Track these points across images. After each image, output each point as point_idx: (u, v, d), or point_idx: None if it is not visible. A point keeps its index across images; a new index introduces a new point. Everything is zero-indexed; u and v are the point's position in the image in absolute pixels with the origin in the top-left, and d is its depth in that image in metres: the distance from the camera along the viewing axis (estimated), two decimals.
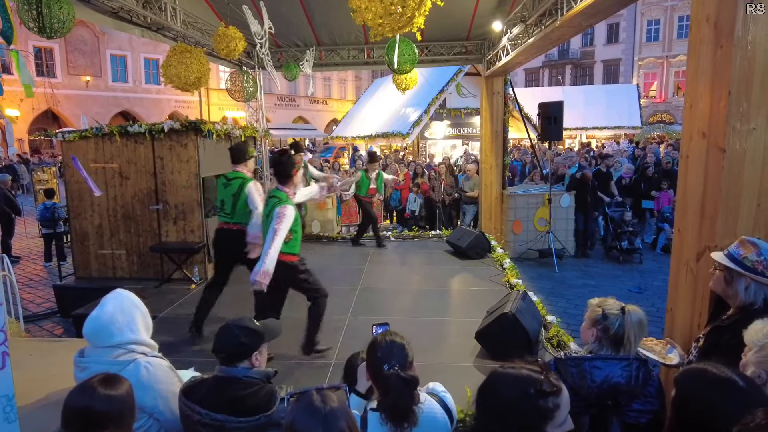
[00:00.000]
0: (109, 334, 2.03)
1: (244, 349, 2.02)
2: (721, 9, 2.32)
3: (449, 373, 3.64)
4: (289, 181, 3.91)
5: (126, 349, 2.05)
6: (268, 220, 3.76)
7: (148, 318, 2.18)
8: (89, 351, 2.07)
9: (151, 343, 2.15)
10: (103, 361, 1.99)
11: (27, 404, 2.52)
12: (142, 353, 2.08)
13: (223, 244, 4.70)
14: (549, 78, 37.28)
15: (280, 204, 3.69)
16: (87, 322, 2.05)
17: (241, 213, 4.55)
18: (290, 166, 3.92)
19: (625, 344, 1.88)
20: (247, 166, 4.77)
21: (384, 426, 1.72)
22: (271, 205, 3.77)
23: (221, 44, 5.85)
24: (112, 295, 2.12)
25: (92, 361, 2.01)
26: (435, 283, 6.15)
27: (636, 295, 6.75)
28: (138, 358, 2.04)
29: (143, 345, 2.10)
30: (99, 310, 2.06)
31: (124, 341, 2.04)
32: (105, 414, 1.56)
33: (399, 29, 3.62)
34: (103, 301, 2.09)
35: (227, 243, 4.65)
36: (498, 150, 8.78)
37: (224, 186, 4.69)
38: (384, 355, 1.79)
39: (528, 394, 1.36)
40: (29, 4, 3.73)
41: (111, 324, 2.03)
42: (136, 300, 2.15)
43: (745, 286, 2.03)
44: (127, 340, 2.04)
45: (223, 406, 1.89)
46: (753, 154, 2.28)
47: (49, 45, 24.75)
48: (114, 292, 2.14)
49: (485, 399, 1.45)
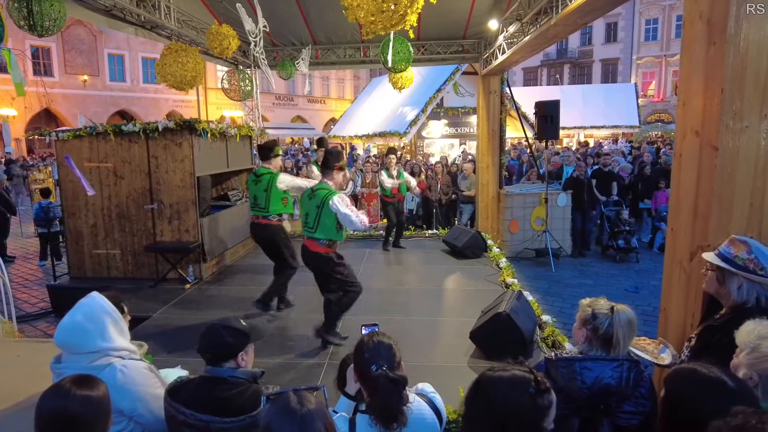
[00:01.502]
0: (79, 343, 2.01)
1: (230, 350, 2.00)
2: (714, 6, 2.30)
3: (443, 372, 3.63)
4: (330, 174, 4.12)
5: (102, 353, 2.02)
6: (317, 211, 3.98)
7: (121, 322, 2.13)
8: (65, 357, 2.05)
9: (128, 347, 2.12)
10: (79, 367, 1.96)
11: (11, 405, 2.49)
12: (119, 357, 2.04)
13: (259, 236, 5.05)
14: (547, 77, 37.26)
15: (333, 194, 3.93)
16: (57, 331, 2.02)
17: (275, 206, 4.87)
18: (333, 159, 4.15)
19: (614, 344, 1.86)
20: (272, 163, 5.01)
21: (373, 428, 1.70)
22: (321, 196, 3.95)
23: (214, 42, 5.83)
24: (83, 301, 2.08)
25: (68, 367, 1.98)
26: (431, 282, 6.13)
27: (632, 295, 6.74)
28: (114, 362, 2.01)
29: (118, 349, 2.07)
30: (68, 318, 2.03)
31: (96, 349, 2.01)
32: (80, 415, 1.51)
33: (392, 27, 3.61)
34: (73, 308, 2.06)
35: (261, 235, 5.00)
36: (495, 149, 8.77)
37: (254, 183, 4.95)
38: (371, 356, 1.77)
39: (529, 394, 1.33)
40: (19, 2, 3.70)
41: (81, 333, 2.01)
42: (108, 305, 2.09)
43: (737, 285, 2.02)
44: (98, 348, 2.01)
45: (209, 407, 1.87)
46: (746, 153, 2.26)
47: (46, 44, 24.66)
48: (86, 297, 2.09)
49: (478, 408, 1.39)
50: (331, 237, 4.05)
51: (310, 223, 4.07)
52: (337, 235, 4.07)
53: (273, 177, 4.84)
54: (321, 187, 4.08)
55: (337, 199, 3.91)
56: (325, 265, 4.09)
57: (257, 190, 4.90)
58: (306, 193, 4.19)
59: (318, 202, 3.98)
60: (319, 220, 3.99)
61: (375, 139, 16.81)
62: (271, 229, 4.91)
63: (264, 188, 4.85)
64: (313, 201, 4.05)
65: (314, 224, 4.03)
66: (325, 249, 4.07)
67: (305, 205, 4.14)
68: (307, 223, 4.10)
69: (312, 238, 4.07)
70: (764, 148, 2.25)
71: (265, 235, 4.95)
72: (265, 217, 4.90)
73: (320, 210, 3.97)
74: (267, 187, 4.83)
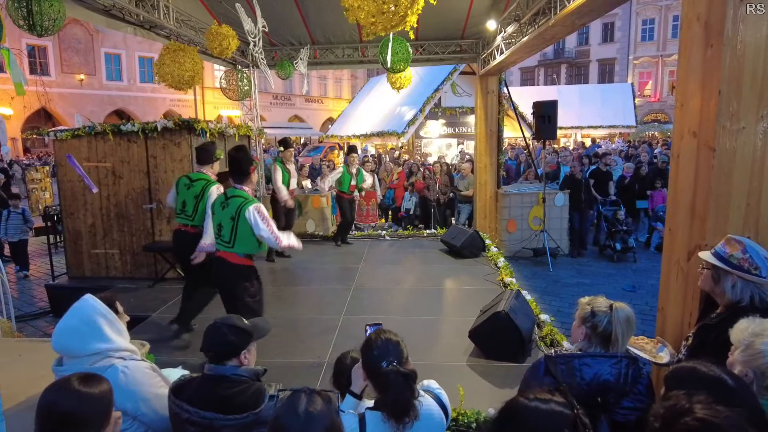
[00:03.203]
0: (76, 346, 2.01)
1: (233, 348, 2.01)
2: (711, 8, 2.33)
3: (442, 371, 3.63)
4: (246, 179, 3.67)
5: (102, 355, 2.02)
6: (231, 222, 3.53)
7: (117, 323, 2.12)
8: (67, 359, 2.05)
9: (128, 347, 2.12)
10: (81, 369, 1.94)
11: (14, 405, 2.50)
12: (120, 358, 2.05)
13: (180, 246, 4.54)
14: (544, 77, 37.36)
15: (250, 203, 3.48)
16: (54, 336, 2.03)
17: (202, 216, 4.33)
18: (247, 163, 3.70)
19: (613, 342, 1.89)
20: (213, 168, 4.61)
21: (385, 423, 1.71)
22: (236, 204, 3.52)
23: (214, 43, 5.83)
24: (76, 305, 2.07)
25: (69, 369, 1.97)
26: (429, 282, 6.15)
27: (630, 294, 6.78)
28: (115, 363, 2.02)
29: (119, 350, 2.07)
30: (63, 323, 2.03)
31: (95, 351, 2.01)
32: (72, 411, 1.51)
33: (392, 28, 3.62)
34: (67, 312, 2.05)
35: (183, 246, 4.44)
36: (492, 149, 8.80)
37: (186, 187, 4.49)
38: (381, 353, 1.79)
39: None
40: (19, 2, 3.70)
41: (76, 336, 2.01)
42: (100, 307, 2.07)
43: (731, 284, 2.05)
44: (96, 350, 2.01)
45: (212, 404, 1.89)
46: (742, 154, 2.28)
47: (42, 43, 24.59)
48: (79, 300, 2.08)
49: None
50: (250, 251, 3.65)
51: (225, 237, 3.59)
52: (258, 248, 3.68)
53: (208, 185, 4.37)
54: (236, 194, 3.58)
55: (253, 210, 3.46)
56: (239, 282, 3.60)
57: (188, 195, 4.44)
58: (218, 200, 3.70)
59: (233, 212, 3.52)
60: (235, 233, 3.53)
61: (373, 138, 16.83)
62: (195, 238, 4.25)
63: (195, 194, 4.40)
64: (226, 211, 3.56)
65: (230, 238, 3.56)
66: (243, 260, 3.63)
67: (218, 216, 3.65)
68: (221, 237, 3.62)
69: (229, 251, 3.61)
70: (761, 149, 2.28)
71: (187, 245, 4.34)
72: (191, 225, 4.47)
73: (236, 221, 3.51)
74: (199, 194, 4.38)
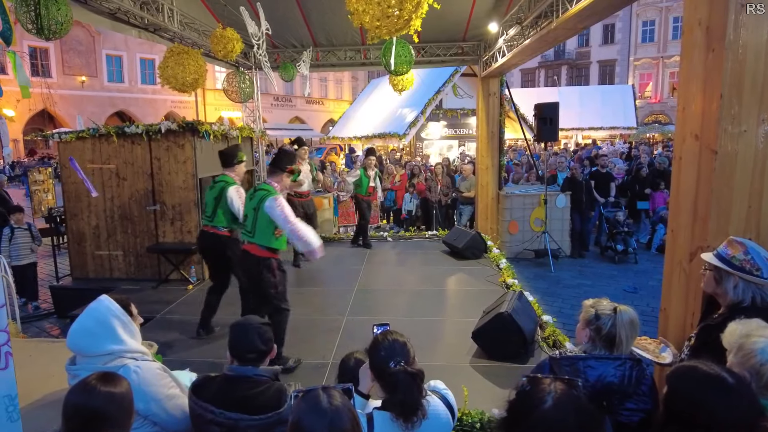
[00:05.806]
0: (90, 346, 2.05)
1: (260, 356, 2.06)
2: (712, 13, 2.36)
3: (446, 372, 3.63)
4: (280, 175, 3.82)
5: (115, 355, 2.06)
6: (253, 213, 3.70)
7: (131, 325, 2.16)
8: (80, 359, 2.09)
9: (140, 349, 2.15)
10: (93, 368, 1.98)
11: (27, 404, 2.54)
12: (132, 358, 2.09)
13: (203, 246, 4.72)
14: (545, 78, 37.38)
15: (270, 195, 3.59)
16: (69, 335, 2.07)
17: (221, 217, 4.53)
18: (286, 159, 3.86)
19: (617, 344, 1.91)
20: (236, 170, 4.69)
21: (394, 422, 1.72)
22: (259, 197, 3.67)
23: (218, 46, 5.87)
24: (92, 305, 2.11)
25: (82, 368, 2.01)
26: (431, 283, 6.17)
27: (631, 295, 6.80)
28: (127, 363, 2.05)
29: (131, 351, 2.10)
30: (78, 324, 2.07)
31: (108, 352, 2.05)
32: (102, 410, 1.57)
33: (396, 31, 3.65)
34: (83, 313, 2.10)
35: (206, 245, 4.65)
36: (494, 150, 8.83)
37: (210, 188, 4.69)
38: (388, 354, 1.81)
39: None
40: (27, 5, 3.73)
41: (91, 337, 2.05)
42: (115, 308, 2.11)
43: (733, 285, 2.07)
44: (109, 350, 2.05)
45: (234, 405, 1.91)
46: (744, 156, 2.31)
47: (44, 45, 24.64)
48: (94, 301, 2.13)
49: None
50: (270, 244, 3.71)
51: (248, 227, 3.78)
52: (277, 242, 3.73)
53: (226, 186, 4.51)
54: (262, 187, 3.74)
55: (272, 200, 3.56)
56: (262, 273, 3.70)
57: (209, 196, 4.61)
58: (248, 193, 3.90)
59: (255, 204, 3.68)
60: (256, 224, 3.69)
61: (374, 140, 16.85)
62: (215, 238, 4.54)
63: (214, 196, 4.55)
64: (251, 202, 3.76)
65: (252, 227, 3.73)
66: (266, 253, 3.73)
67: (246, 207, 3.88)
68: (246, 227, 3.82)
69: (252, 243, 3.76)
70: (762, 152, 2.31)
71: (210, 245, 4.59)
72: (210, 225, 4.59)
73: (257, 212, 3.66)
74: (217, 195, 4.53)
